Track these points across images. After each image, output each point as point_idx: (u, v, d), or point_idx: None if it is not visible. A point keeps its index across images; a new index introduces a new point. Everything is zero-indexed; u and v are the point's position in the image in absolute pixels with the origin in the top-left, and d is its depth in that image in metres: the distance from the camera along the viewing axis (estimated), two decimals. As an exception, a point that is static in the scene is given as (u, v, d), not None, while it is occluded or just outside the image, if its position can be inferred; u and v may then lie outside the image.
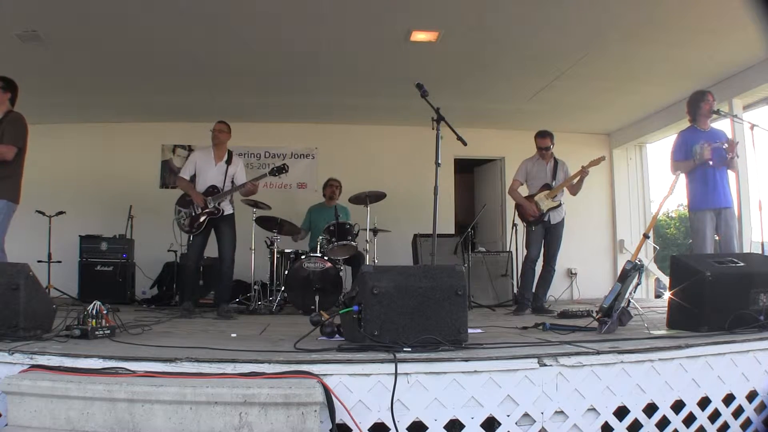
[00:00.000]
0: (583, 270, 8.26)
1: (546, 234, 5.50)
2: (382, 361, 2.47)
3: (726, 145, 4.68)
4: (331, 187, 6.77)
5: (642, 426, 2.65)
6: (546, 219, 5.45)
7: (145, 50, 5.66)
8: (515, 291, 7.01)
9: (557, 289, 7.56)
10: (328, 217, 6.21)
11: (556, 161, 5.61)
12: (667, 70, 6.16)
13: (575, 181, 5.48)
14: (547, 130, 5.62)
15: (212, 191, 5.15)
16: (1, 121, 4.18)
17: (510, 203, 7.13)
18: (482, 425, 2.49)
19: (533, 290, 5.54)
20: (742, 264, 3.49)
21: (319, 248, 5.78)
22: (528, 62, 6.06)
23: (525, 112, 7.48)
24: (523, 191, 5.73)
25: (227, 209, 5.21)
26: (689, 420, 2.72)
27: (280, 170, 5.42)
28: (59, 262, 6.56)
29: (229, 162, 5.28)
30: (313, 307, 5.37)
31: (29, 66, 5.91)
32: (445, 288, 2.81)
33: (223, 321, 4.75)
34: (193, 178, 5.24)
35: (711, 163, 4.63)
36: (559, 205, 5.49)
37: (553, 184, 5.51)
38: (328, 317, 3.21)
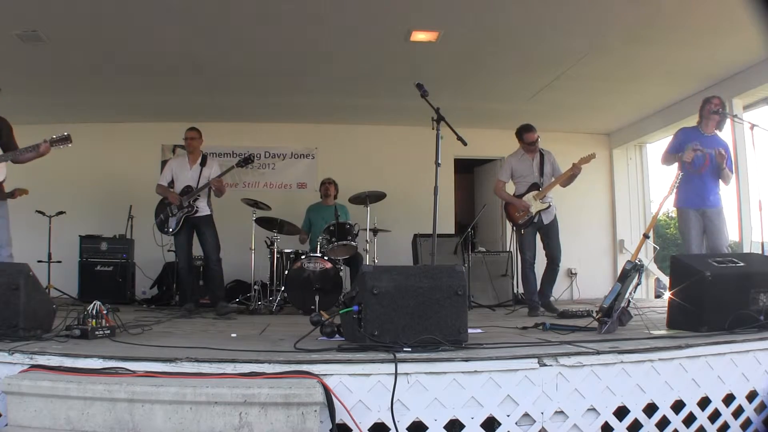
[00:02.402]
0: (583, 270, 8.26)
1: (541, 235, 5.42)
2: (382, 361, 2.47)
3: (716, 153, 4.74)
4: (325, 185, 6.76)
5: (642, 426, 2.65)
6: (537, 220, 5.34)
7: (145, 50, 5.65)
8: (515, 291, 7.01)
9: (557, 289, 7.52)
10: (327, 217, 6.21)
11: (541, 154, 5.45)
12: (667, 70, 6.16)
13: (565, 178, 5.37)
14: (531, 124, 5.46)
15: (187, 190, 5.28)
16: None
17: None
18: (482, 425, 2.49)
19: (539, 288, 5.49)
20: (742, 264, 3.49)
21: (319, 248, 5.77)
22: (528, 62, 6.05)
23: (525, 112, 7.45)
24: (510, 190, 5.60)
25: (203, 209, 5.31)
26: (689, 420, 2.72)
27: (247, 161, 5.49)
28: (59, 262, 6.56)
29: (203, 164, 5.40)
30: (313, 307, 5.37)
31: (29, 66, 5.92)
32: (445, 288, 2.81)
33: (223, 321, 4.76)
34: (171, 184, 5.39)
35: (686, 166, 4.71)
36: (549, 206, 5.36)
37: (541, 181, 5.38)
38: (328, 317, 3.21)
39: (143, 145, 8.01)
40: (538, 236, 5.46)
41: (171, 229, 5.29)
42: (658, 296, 8.26)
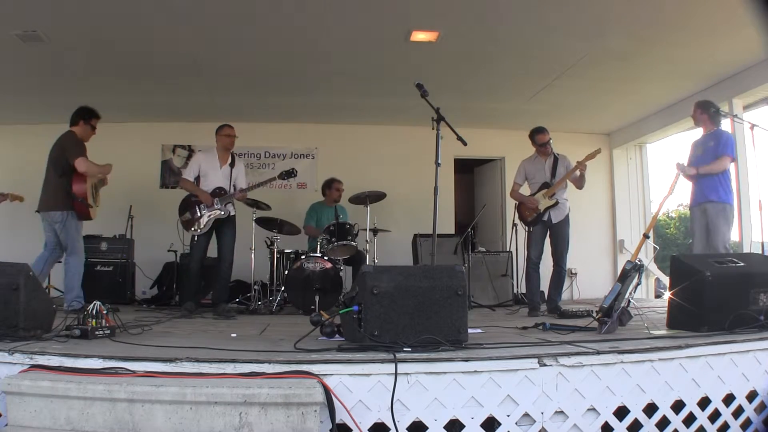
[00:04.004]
0: (583, 270, 8.25)
1: (550, 234, 5.41)
2: (382, 361, 2.47)
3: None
4: (339, 191, 6.69)
5: (642, 426, 2.65)
6: (546, 218, 5.37)
7: (145, 50, 5.65)
8: (515, 291, 7.02)
9: (557, 289, 7.55)
10: (329, 217, 6.21)
11: (555, 157, 5.48)
12: (667, 70, 6.16)
13: (572, 176, 5.35)
14: (543, 126, 5.53)
15: (219, 192, 5.23)
16: None
17: (510, 203, 7.13)
18: (482, 425, 2.49)
19: (547, 292, 5.50)
20: (742, 264, 3.49)
21: (319, 248, 5.77)
22: (528, 62, 6.05)
23: (525, 112, 7.48)
24: (526, 193, 5.66)
25: (231, 211, 5.31)
26: (689, 420, 2.72)
27: (289, 174, 5.54)
28: (59, 262, 6.54)
29: (232, 165, 5.39)
30: (313, 307, 5.37)
31: (29, 66, 5.92)
32: (445, 288, 2.81)
33: (223, 321, 4.76)
34: (197, 180, 5.31)
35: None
36: (557, 203, 5.36)
37: (552, 182, 5.41)
38: (328, 317, 3.21)
39: (143, 145, 8.00)
40: (547, 238, 5.45)
41: (200, 229, 5.18)
42: (658, 296, 8.26)
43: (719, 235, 4.81)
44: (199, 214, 5.18)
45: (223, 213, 5.18)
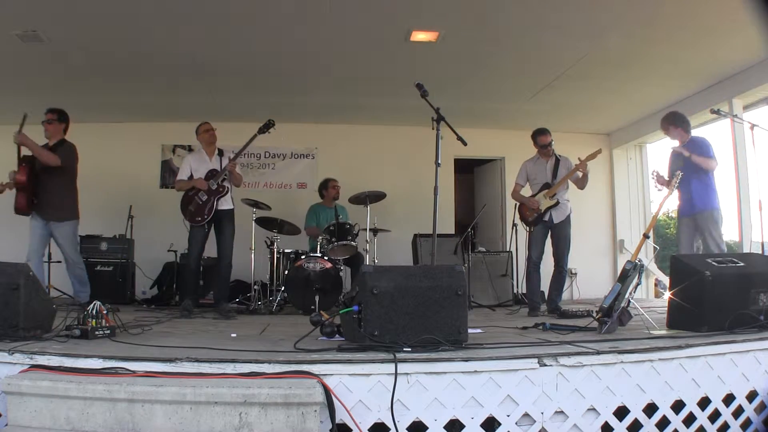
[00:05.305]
0: (583, 270, 8.23)
1: (551, 234, 5.41)
2: (382, 361, 2.47)
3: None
4: (336, 189, 6.69)
5: (642, 426, 2.65)
6: (547, 219, 5.37)
7: (145, 50, 5.65)
8: (515, 291, 7.01)
9: (557, 289, 7.55)
10: (329, 217, 6.21)
11: (557, 159, 5.48)
12: (667, 70, 6.15)
13: (573, 177, 5.36)
14: (545, 128, 5.53)
15: (212, 174, 5.23)
16: (55, 147, 5.04)
17: (510, 203, 7.13)
18: (482, 425, 2.50)
19: (547, 292, 5.51)
20: (742, 264, 3.49)
21: (319, 248, 5.77)
22: (528, 62, 6.05)
23: (525, 112, 7.48)
24: (527, 194, 5.65)
25: (228, 200, 5.28)
26: (689, 420, 2.72)
27: (267, 126, 5.47)
28: (59, 262, 6.54)
29: (221, 155, 5.39)
30: (313, 307, 5.37)
31: (29, 66, 5.92)
32: (445, 288, 2.81)
33: (223, 321, 4.76)
34: (191, 179, 5.31)
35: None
36: (557, 203, 5.36)
37: (554, 183, 5.41)
38: (328, 317, 3.21)
39: (143, 145, 8.00)
40: (549, 238, 5.45)
41: (205, 217, 5.13)
42: (658, 296, 8.26)
43: (713, 240, 4.83)
44: (201, 202, 5.17)
45: (222, 190, 5.17)
